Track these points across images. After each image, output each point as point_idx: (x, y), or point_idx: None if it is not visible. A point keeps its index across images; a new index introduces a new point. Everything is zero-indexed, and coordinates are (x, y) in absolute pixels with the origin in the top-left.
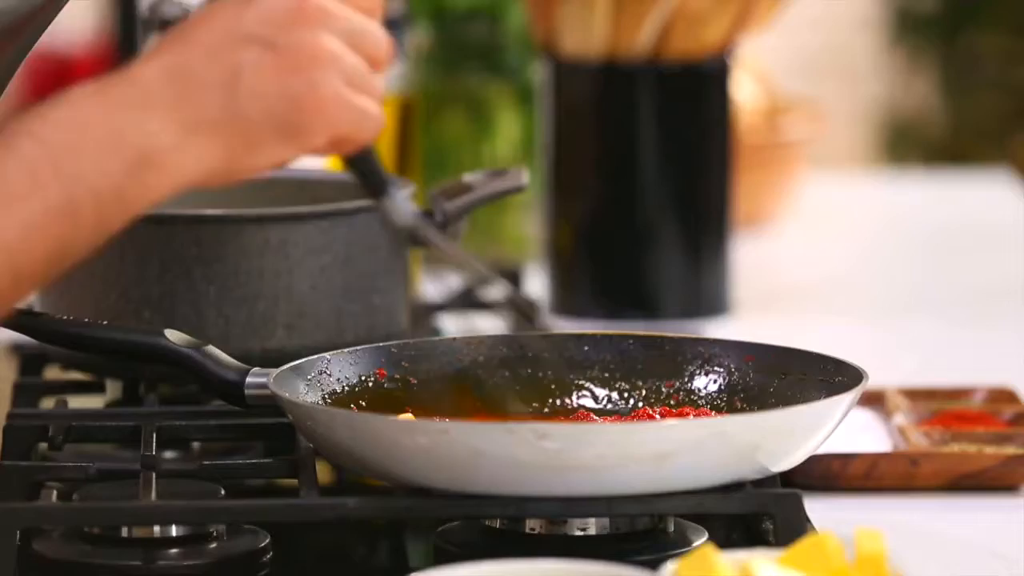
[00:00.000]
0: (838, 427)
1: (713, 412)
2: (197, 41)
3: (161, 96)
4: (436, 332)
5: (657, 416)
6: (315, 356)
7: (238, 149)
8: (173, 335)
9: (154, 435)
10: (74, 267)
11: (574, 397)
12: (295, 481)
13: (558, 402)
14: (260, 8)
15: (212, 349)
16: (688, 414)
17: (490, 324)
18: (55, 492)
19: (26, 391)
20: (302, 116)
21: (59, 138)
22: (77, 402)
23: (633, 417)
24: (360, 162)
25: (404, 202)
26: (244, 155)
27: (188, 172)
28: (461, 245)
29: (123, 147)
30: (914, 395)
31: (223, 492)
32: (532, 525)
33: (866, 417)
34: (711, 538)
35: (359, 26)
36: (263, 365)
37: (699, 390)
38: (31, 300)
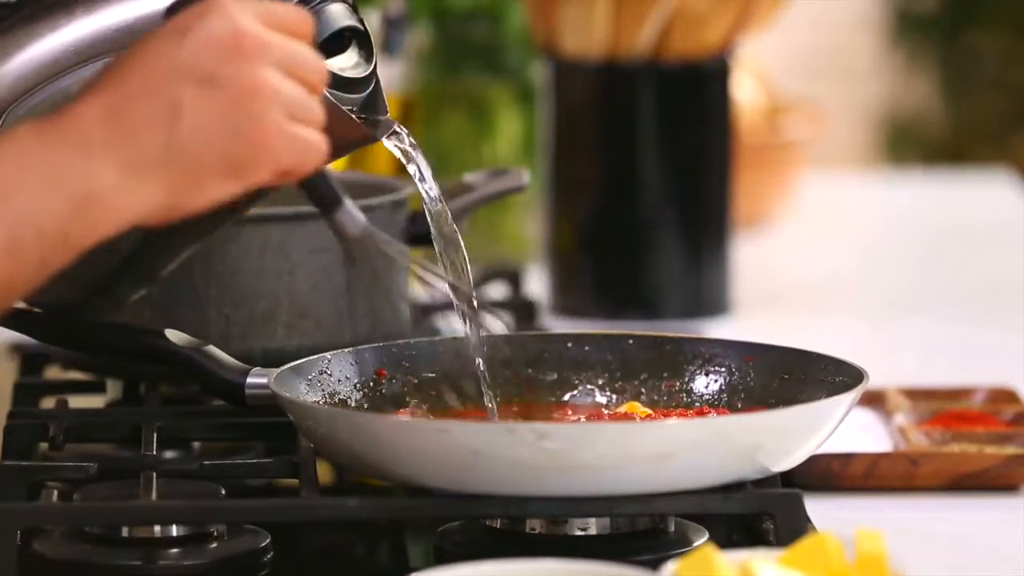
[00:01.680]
0: (838, 427)
1: (713, 412)
2: (134, 78)
3: (101, 137)
4: (436, 332)
5: (659, 416)
6: (315, 356)
7: (181, 187)
8: (173, 335)
9: (154, 435)
10: (11, 306)
11: (574, 397)
12: (295, 481)
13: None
14: (196, 41)
15: (213, 349)
16: (688, 414)
17: (490, 324)
18: (55, 492)
19: (26, 391)
20: (246, 152)
21: (3, 178)
22: (77, 402)
23: (633, 417)
24: (312, 178)
25: (355, 213)
26: (187, 193)
27: (130, 211)
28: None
29: (66, 187)
30: (914, 395)
31: (223, 492)
32: (532, 525)
33: (866, 417)
34: (711, 538)
35: (295, 53)
36: (264, 365)
37: (699, 390)
38: (33, 298)
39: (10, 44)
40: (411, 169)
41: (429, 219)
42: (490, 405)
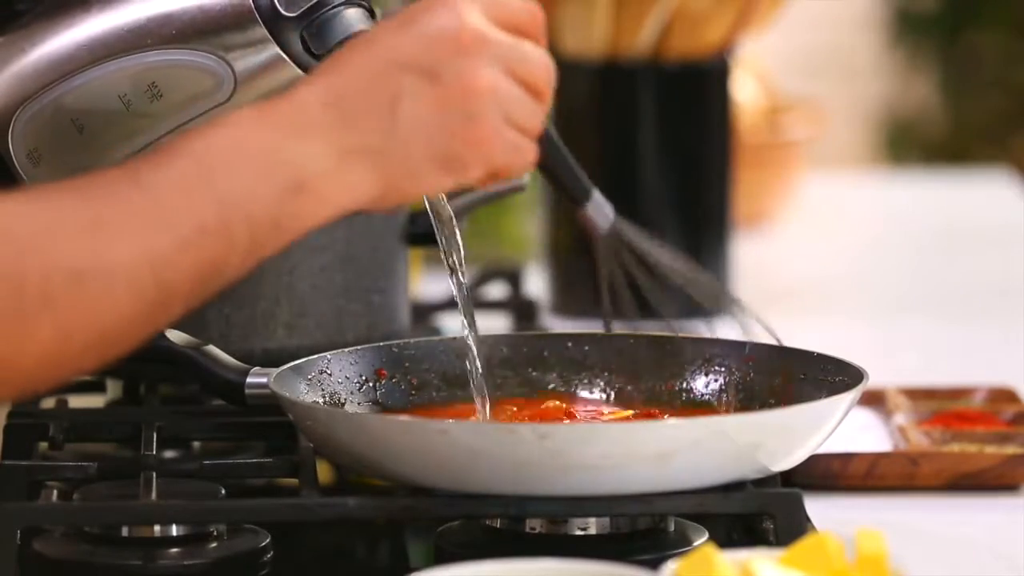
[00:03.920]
0: (838, 427)
1: (713, 412)
2: (357, 66)
3: (320, 121)
4: (436, 332)
5: (664, 416)
6: (315, 356)
7: (395, 178)
8: (173, 335)
9: (154, 435)
10: (223, 289)
11: (574, 397)
12: (295, 480)
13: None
14: (419, 34)
15: (212, 349)
16: (688, 414)
17: (490, 324)
18: (55, 492)
19: None
20: (459, 151)
21: (217, 160)
22: (77, 402)
23: (634, 417)
24: (558, 171)
25: (604, 206)
26: (400, 184)
27: (344, 199)
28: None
29: (280, 172)
30: (914, 395)
31: (223, 492)
32: (532, 525)
33: (866, 417)
34: (711, 538)
35: (519, 53)
36: (263, 365)
37: (699, 390)
38: None
39: (26, 41)
40: None
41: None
42: (482, 408)
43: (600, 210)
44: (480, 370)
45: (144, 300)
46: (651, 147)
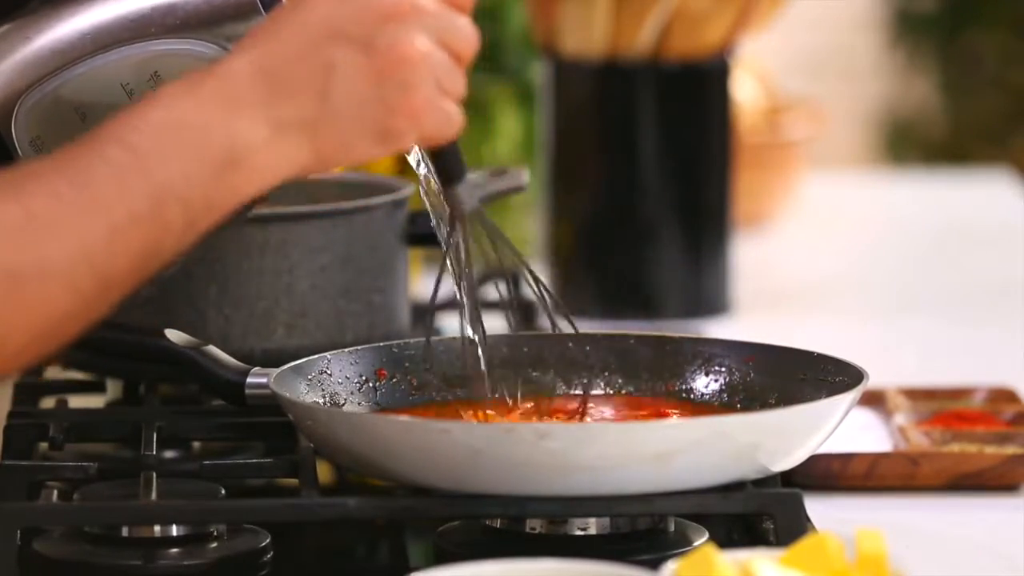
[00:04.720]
0: (838, 427)
1: (713, 412)
2: (289, 36)
3: (252, 94)
4: (436, 332)
5: (668, 415)
6: (315, 356)
7: (328, 148)
8: (173, 335)
9: (154, 435)
10: (162, 270)
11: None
12: (295, 481)
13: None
14: (355, 1)
15: (212, 349)
16: (688, 414)
17: (490, 324)
18: (55, 492)
19: (26, 391)
20: (393, 121)
21: (148, 144)
22: (77, 402)
23: (634, 417)
24: (445, 146)
25: (472, 190)
26: (334, 154)
27: (277, 170)
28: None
29: (212, 150)
30: (914, 395)
31: (223, 492)
32: (532, 525)
33: (866, 417)
34: (711, 538)
35: (449, 22)
36: (263, 365)
37: (699, 390)
38: None
39: (31, 28)
40: (410, 158)
41: (432, 216)
42: (498, 398)
43: (469, 192)
44: (483, 353)
45: (82, 294)
46: (651, 147)
